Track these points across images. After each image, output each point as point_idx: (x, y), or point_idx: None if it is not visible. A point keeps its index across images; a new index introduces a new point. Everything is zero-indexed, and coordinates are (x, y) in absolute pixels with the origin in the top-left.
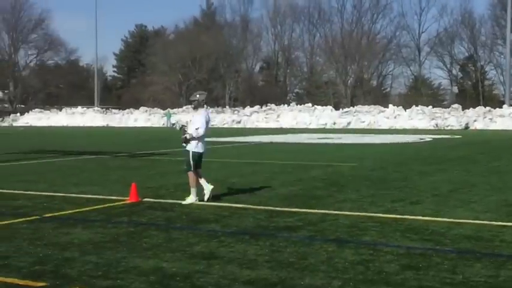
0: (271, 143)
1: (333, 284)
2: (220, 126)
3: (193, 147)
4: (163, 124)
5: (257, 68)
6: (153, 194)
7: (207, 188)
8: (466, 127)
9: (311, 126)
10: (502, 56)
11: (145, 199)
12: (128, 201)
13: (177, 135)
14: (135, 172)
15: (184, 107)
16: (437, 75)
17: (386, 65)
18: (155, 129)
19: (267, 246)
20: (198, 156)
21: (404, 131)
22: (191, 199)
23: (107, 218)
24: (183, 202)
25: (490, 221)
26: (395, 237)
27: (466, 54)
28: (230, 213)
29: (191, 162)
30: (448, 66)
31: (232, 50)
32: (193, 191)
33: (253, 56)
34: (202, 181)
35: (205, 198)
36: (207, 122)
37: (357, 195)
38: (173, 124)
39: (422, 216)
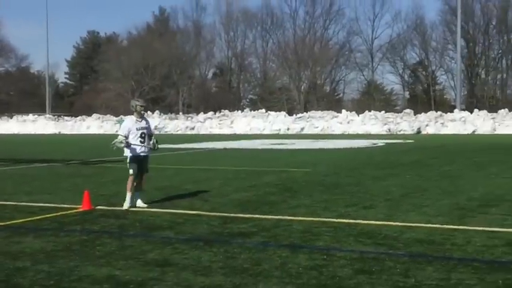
0: (225, 149)
1: None
2: (174, 132)
3: None
4: (117, 131)
5: (210, 74)
6: (106, 202)
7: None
8: (418, 132)
9: (265, 132)
10: (453, 61)
11: (98, 207)
12: (80, 209)
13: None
14: (88, 180)
15: None
16: (390, 80)
17: (339, 71)
18: (108, 137)
19: (221, 253)
20: None
21: (357, 136)
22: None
23: (59, 227)
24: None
25: (442, 224)
26: (349, 241)
27: (418, 59)
28: (184, 220)
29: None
30: (400, 71)
31: (185, 57)
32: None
33: (207, 63)
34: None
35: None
36: None
37: (311, 200)
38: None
39: (375, 220)
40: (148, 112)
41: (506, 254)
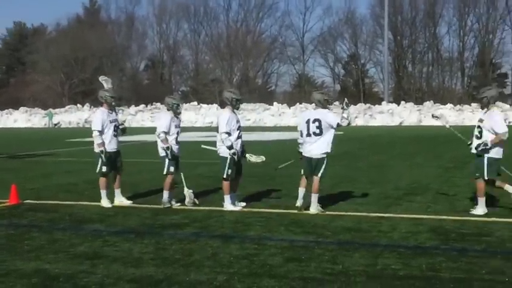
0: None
1: (218, 278)
2: None
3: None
4: (45, 124)
5: (142, 66)
6: (35, 196)
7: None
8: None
9: (197, 125)
10: (382, 54)
11: (27, 201)
12: (7, 204)
13: (55, 135)
14: (16, 174)
15: (67, 107)
16: (321, 73)
17: (271, 64)
18: (36, 130)
19: (153, 244)
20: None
21: (288, 128)
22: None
23: None
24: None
25: (369, 212)
26: (280, 231)
27: (348, 52)
28: (115, 213)
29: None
30: (331, 64)
31: (116, 49)
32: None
33: (138, 55)
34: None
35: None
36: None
37: (243, 191)
38: None
39: (306, 210)
40: (78, 105)
41: (429, 240)
